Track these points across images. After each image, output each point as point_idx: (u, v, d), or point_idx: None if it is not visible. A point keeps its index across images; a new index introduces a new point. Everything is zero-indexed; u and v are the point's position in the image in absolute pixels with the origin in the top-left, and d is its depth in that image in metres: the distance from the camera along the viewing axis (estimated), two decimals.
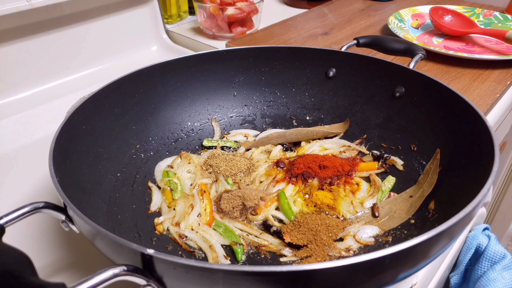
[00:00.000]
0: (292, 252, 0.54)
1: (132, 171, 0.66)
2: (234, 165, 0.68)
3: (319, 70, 0.78)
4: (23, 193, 0.67)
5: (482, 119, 0.53)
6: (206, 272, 0.33)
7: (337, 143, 0.74)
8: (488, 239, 0.77)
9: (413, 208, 0.58)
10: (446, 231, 0.36)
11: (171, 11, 1.24)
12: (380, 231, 0.56)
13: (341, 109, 0.78)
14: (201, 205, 0.61)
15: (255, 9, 1.14)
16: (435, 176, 0.59)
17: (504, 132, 1.08)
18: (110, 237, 0.36)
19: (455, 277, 0.80)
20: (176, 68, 0.74)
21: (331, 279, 0.35)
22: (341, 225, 0.57)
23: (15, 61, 0.87)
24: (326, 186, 0.64)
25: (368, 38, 0.80)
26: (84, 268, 0.54)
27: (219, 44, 1.13)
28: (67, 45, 0.95)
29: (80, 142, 0.58)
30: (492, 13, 1.19)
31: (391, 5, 1.35)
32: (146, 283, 0.36)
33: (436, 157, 0.61)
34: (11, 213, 0.41)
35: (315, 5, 1.37)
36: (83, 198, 0.53)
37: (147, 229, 0.58)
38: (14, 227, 0.41)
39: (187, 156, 0.71)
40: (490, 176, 0.44)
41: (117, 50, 1.05)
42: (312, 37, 1.11)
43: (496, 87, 0.87)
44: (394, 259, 0.35)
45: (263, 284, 0.34)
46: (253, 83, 0.81)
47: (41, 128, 0.84)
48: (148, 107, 0.72)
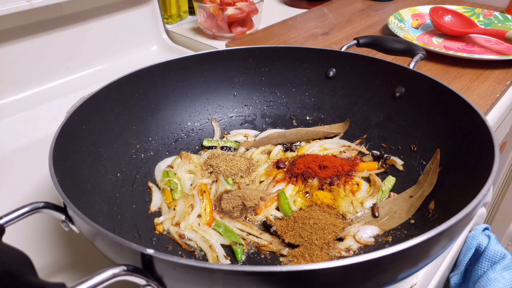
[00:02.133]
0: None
1: (132, 171, 0.66)
2: (234, 165, 0.68)
3: (319, 70, 0.78)
4: (23, 193, 0.67)
5: (482, 119, 0.53)
6: (206, 272, 0.33)
7: (337, 143, 0.74)
8: (488, 239, 0.77)
9: (413, 208, 0.58)
10: (446, 231, 0.36)
11: (171, 11, 1.24)
12: (380, 231, 0.56)
13: (341, 109, 0.78)
14: (201, 205, 0.61)
15: (255, 9, 1.14)
16: (435, 176, 0.59)
17: (504, 132, 1.08)
18: (110, 237, 0.36)
19: (455, 277, 0.80)
20: (176, 68, 0.74)
21: (331, 279, 0.35)
22: (340, 225, 0.57)
23: (15, 61, 0.87)
24: (326, 186, 0.64)
25: (368, 38, 0.80)
26: (84, 268, 0.54)
27: (219, 44, 1.13)
28: (67, 45, 0.95)
29: (80, 142, 0.58)
30: (492, 13, 1.19)
31: (391, 5, 1.35)
32: (146, 283, 0.36)
33: (436, 157, 0.61)
34: (11, 213, 0.41)
35: (315, 5, 1.37)
36: (83, 198, 0.53)
37: (147, 229, 0.58)
38: (14, 227, 0.41)
39: (187, 156, 0.71)
40: (490, 176, 0.44)
41: (117, 50, 1.05)
42: (312, 37, 1.11)
43: (496, 87, 0.87)
44: (394, 259, 0.35)
45: (263, 284, 0.34)
46: (253, 83, 0.81)
47: (41, 128, 0.84)
48: (148, 107, 0.72)
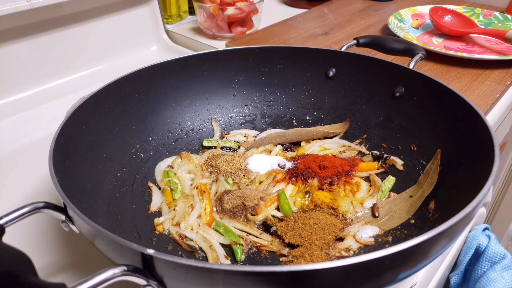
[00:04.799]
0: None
1: (132, 171, 0.66)
2: (234, 165, 0.68)
3: (319, 70, 0.78)
4: (23, 193, 0.67)
5: (482, 119, 0.53)
6: (206, 272, 0.33)
7: (337, 143, 0.74)
8: (488, 239, 0.77)
9: (413, 208, 0.58)
10: (446, 231, 0.36)
11: (171, 11, 1.24)
12: (380, 231, 0.56)
13: (341, 109, 0.78)
14: (201, 205, 0.61)
15: (255, 9, 1.14)
16: (435, 176, 0.59)
17: (504, 132, 1.08)
18: (110, 237, 0.36)
19: (455, 277, 0.80)
20: (176, 68, 0.74)
21: (331, 279, 0.35)
22: (340, 225, 0.57)
23: (15, 61, 0.87)
24: (326, 186, 0.64)
25: (368, 38, 0.80)
26: (84, 268, 0.54)
27: (219, 44, 1.13)
28: (67, 45, 0.95)
29: (80, 142, 0.58)
30: (492, 13, 1.19)
31: (391, 5, 1.35)
32: (146, 283, 0.36)
33: (437, 158, 0.61)
34: (11, 213, 0.41)
35: (315, 5, 1.37)
36: (83, 198, 0.53)
37: (147, 229, 0.58)
38: (14, 227, 0.41)
39: (187, 156, 0.71)
40: (490, 176, 0.44)
41: (117, 50, 1.05)
42: (312, 37, 1.11)
43: (496, 87, 0.87)
44: (394, 259, 0.35)
45: (263, 284, 0.34)
46: (253, 83, 0.81)
47: (41, 128, 0.84)
48: (148, 107, 0.72)
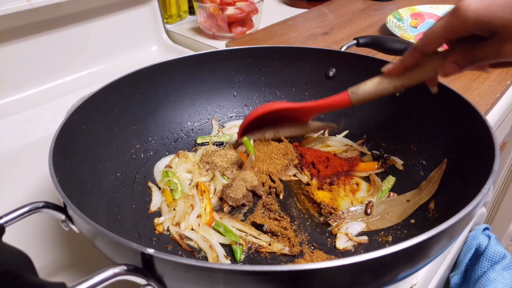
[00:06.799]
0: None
1: (132, 171, 0.66)
2: (228, 159, 0.70)
3: (319, 70, 0.78)
4: (23, 193, 0.67)
5: (483, 119, 0.53)
6: (207, 272, 0.34)
7: (340, 142, 0.74)
8: (488, 239, 0.77)
9: (406, 213, 0.58)
10: (446, 231, 0.36)
11: (171, 11, 1.24)
12: (366, 228, 0.57)
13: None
14: (201, 205, 0.61)
15: (255, 9, 1.14)
16: (436, 186, 0.58)
17: (504, 132, 1.08)
18: (110, 236, 0.36)
19: (455, 277, 0.80)
20: (176, 68, 0.74)
21: (331, 279, 0.35)
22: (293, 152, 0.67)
23: (15, 61, 0.87)
24: (326, 186, 0.64)
25: (368, 38, 0.80)
26: (84, 268, 0.54)
27: (219, 44, 1.13)
28: (67, 45, 0.95)
29: (80, 142, 0.58)
30: None
31: (391, 5, 1.35)
32: (146, 283, 0.36)
33: (442, 167, 0.59)
34: (11, 213, 0.41)
35: (315, 5, 1.37)
36: (83, 198, 0.53)
37: (147, 229, 0.58)
38: (14, 227, 0.41)
39: (184, 155, 0.71)
40: (490, 176, 0.44)
41: (117, 50, 1.05)
42: (312, 37, 1.11)
43: (496, 87, 0.87)
44: (394, 258, 0.35)
45: (263, 283, 0.34)
46: (253, 83, 0.81)
47: (41, 128, 0.84)
48: (148, 107, 0.72)
